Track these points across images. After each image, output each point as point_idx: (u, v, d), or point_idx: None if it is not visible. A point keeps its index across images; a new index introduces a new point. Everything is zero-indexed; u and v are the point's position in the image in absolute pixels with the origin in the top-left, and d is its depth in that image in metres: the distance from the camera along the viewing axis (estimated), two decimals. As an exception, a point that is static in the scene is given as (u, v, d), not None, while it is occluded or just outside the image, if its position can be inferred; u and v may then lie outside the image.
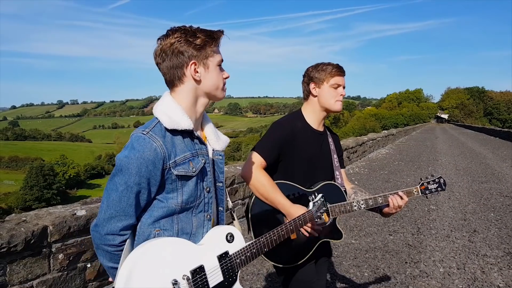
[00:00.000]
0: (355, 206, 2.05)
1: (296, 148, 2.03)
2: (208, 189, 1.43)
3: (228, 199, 1.61)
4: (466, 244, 4.75)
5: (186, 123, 1.33)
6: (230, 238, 1.43)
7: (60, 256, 2.97)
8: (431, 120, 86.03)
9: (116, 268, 1.31)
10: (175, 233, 1.34)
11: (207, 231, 1.42)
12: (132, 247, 1.32)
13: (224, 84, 1.44)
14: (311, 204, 1.85)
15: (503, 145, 20.73)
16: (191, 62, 1.34)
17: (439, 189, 2.16)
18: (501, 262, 4.17)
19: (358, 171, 10.70)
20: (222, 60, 1.42)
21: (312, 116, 2.11)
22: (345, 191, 2.18)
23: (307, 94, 2.12)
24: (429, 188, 2.15)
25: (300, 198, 1.99)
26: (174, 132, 1.33)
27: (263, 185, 1.90)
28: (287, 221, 1.85)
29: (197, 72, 1.35)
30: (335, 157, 2.20)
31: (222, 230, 1.44)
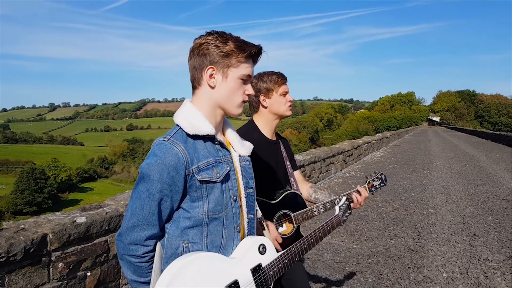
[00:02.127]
0: (315, 211, 2.11)
1: (256, 161, 2.00)
2: (234, 197, 1.37)
3: (257, 207, 1.57)
4: (467, 248, 4.73)
5: (207, 128, 1.31)
6: (262, 249, 1.39)
7: (60, 264, 2.90)
8: (423, 123, 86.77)
9: (140, 283, 1.28)
10: (204, 247, 1.29)
11: (237, 243, 1.37)
12: (161, 261, 1.28)
13: (242, 101, 1.38)
14: (337, 208, 1.86)
15: (495, 147, 20.92)
16: (209, 67, 1.31)
17: (381, 184, 2.32)
18: (503, 266, 4.16)
19: (354, 174, 10.70)
20: (248, 76, 1.36)
21: (266, 126, 2.14)
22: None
23: (257, 106, 2.13)
24: (374, 185, 2.30)
25: (265, 211, 1.96)
26: (196, 137, 1.31)
27: None
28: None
29: (213, 78, 1.33)
30: (288, 164, 2.22)
31: (254, 241, 1.39)
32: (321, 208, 2.11)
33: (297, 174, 2.31)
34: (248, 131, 2.11)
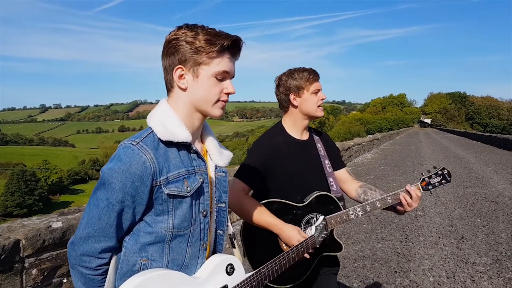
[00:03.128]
0: (352, 214, 1.91)
1: (281, 164, 1.92)
2: (205, 212, 1.25)
3: (229, 223, 1.43)
4: (455, 251, 4.69)
5: (183, 135, 1.17)
6: (230, 270, 1.26)
7: (34, 271, 2.80)
8: (415, 124, 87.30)
9: None
10: (164, 265, 1.17)
11: (202, 262, 1.25)
12: (115, 276, 1.17)
13: (218, 100, 1.22)
14: (313, 228, 1.74)
15: (485, 149, 21.04)
16: (177, 67, 1.17)
17: (443, 181, 2.03)
18: (490, 270, 4.12)
19: (344, 176, 10.66)
20: (225, 72, 1.20)
21: (294, 127, 2.02)
22: (340, 197, 2.02)
23: (287, 105, 2.01)
24: (432, 182, 2.02)
25: (291, 214, 1.87)
26: (169, 144, 1.17)
27: (249, 212, 1.78)
28: (284, 246, 1.76)
29: (184, 78, 1.18)
30: (326, 162, 2.07)
31: (222, 260, 1.27)
32: (359, 211, 1.91)
33: (342, 173, 2.16)
34: (273, 134, 2.01)
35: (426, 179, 2.02)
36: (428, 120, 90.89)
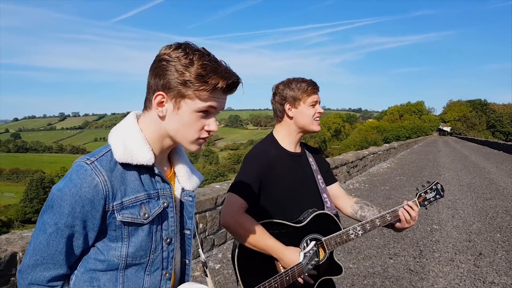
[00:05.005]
0: (352, 233, 1.82)
1: (276, 179, 1.80)
2: (168, 239, 1.14)
3: (201, 250, 1.33)
4: (472, 269, 4.46)
5: (145, 157, 1.07)
6: None
7: (30, 286, 2.74)
8: (433, 132, 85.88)
9: None
10: None
11: None
12: None
13: (198, 138, 1.11)
14: (301, 254, 1.62)
15: (507, 159, 20.41)
16: (158, 93, 1.06)
17: (437, 196, 2.00)
18: (510, 290, 3.89)
19: (358, 186, 10.44)
20: (210, 107, 1.08)
21: (288, 139, 1.92)
22: (335, 214, 1.92)
23: (281, 115, 1.92)
24: (428, 198, 1.98)
25: (289, 236, 1.75)
26: (128, 166, 1.07)
27: (248, 233, 1.64)
28: (280, 270, 1.61)
29: (163, 106, 1.07)
30: (319, 177, 1.98)
31: None
32: (359, 230, 1.82)
33: (334, 188, 2.07)
34: (266, 147, 1.90)
35: (422, 194, 1.97)
36: (447, 128, 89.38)
